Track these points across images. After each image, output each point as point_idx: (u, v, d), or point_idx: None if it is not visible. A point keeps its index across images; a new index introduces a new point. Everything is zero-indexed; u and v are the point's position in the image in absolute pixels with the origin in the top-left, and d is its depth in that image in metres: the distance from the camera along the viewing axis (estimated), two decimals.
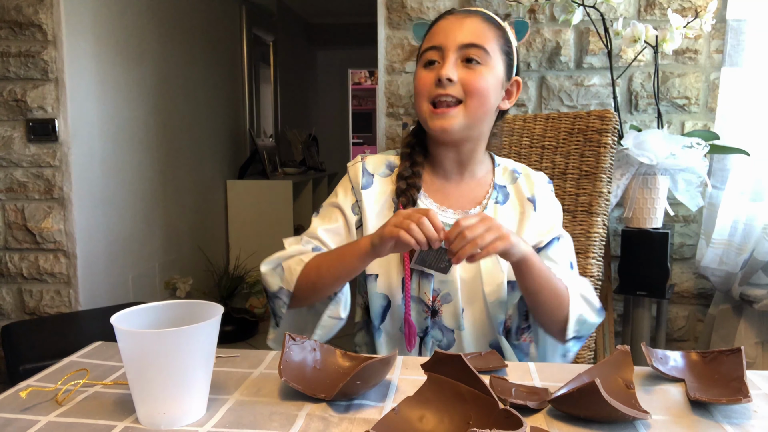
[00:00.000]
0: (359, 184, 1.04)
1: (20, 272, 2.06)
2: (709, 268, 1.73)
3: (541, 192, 1.06)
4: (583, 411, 0.65)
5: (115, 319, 0.64)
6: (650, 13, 1.82)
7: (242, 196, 3.52)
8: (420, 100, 0.99)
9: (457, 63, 0.95)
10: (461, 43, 0.95)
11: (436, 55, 0.97)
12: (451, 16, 1.00)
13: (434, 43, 0.98)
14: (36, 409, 0.68)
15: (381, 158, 1.09)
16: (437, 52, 0.97)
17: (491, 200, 1.03)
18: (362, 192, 1.04)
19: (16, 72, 1.97)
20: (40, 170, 2.02)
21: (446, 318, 1.00)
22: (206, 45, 3.25)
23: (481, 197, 1.04)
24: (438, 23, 1.01)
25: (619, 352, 0.76)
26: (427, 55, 0.98)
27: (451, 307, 0.99)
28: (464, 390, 0.62)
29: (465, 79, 0.95)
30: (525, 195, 1.05)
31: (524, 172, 1.09)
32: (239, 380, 0.77)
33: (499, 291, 0.98)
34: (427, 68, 0.98)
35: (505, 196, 1.05)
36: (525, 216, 1.03)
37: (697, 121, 1.85)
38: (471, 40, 0.95)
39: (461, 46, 0.95)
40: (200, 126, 3.19)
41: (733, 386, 0.70)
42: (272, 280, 0.98)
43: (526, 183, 1.06)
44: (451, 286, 0.99)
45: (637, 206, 1.62)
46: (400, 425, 0.60)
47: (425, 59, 0.99)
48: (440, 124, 0.96)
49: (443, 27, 0.98)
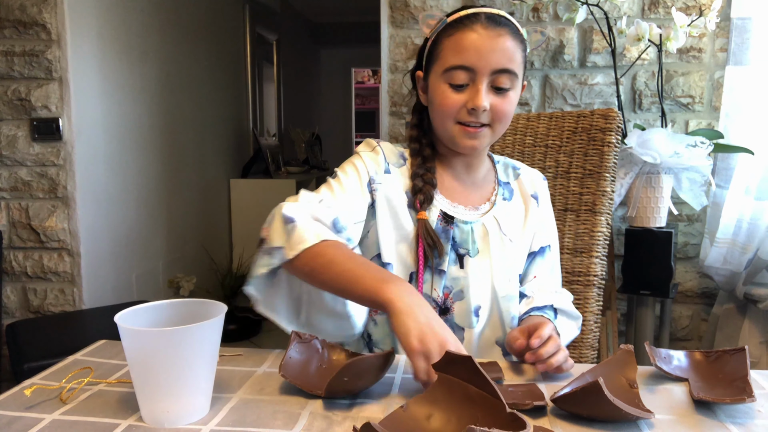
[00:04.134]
0: (382, 168, 1.01)
1: (24, 271, 2.07)
2: (713, 267, 1.73)
3: (542, 190, 1.10)
4: (586, 410, 0.65)
5: (119, 318, 0.64)
6: (654, 11, 1.81)
7: (245, 195, 3.53)
8: (446, 119, 0.96)
9: (488, 88, 0.93)
10: (494, 69, 0.92)
11: (465, 77, 0.93)
12: (481, 29, 0.93)
13: (465, 63, 0.92)
14: (40, 407, 0.68)
15: (391, 147, 1.06)
16: (467, 73, 0.93)
17: (499, 197, 1.05)
18: (385, 176, 1.01)
19: (21, 71, 1.97)
20: (45, 169, 2.02)
21: (457, 316, 0.99)
22: (210, 44, 3.25)
23: (488, 194, 1.06)
24: (467, 35, 0.93)
25: (623, 351, 0.76)
26: (455, 76, 0.93)
27: (463, 304, 0.99)
28: (473, 392, 0.62)
29: (495, 106, 0.94)
30: (528, 191, 1.08)
31: (523, 168, 1.12)
32: (242, 379, 0.77)
33: (509, 286, 1.00)
34: (456, 89, 0.94)
35: (510, 192, 1.07)
36: (529, 212, 1.07)
37: (701, 120, 1.84)
38: (504, 65, 0.92)
39: (494, 71, 0.92)
40: (203, 125, 3.19)
41: (737, 386, 0.70)
42: (278, 233, 0.88)
43: (528, 179, 1.10)
44: (463, 282, 0.99)
45: (640, 205, 1.62)
46: (407, 422, 0.60)
47: (452, 78, 0.94)
48: (471, 143, 0.96)
49: (475, 44, 0.92)
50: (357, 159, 1.02)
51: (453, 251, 0.99)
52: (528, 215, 1.06)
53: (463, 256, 0.99)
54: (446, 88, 0.95)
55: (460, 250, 1.00)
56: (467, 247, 1.00)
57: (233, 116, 3.65)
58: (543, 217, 1.08)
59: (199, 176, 3.14)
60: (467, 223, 1.00)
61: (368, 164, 1.01)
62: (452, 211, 1.01)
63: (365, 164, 1.01)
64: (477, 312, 0.99)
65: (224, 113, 3.50)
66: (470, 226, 1.00)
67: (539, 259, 1.06)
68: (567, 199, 1.26)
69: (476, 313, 0.99)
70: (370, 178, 1.00)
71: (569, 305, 1.04)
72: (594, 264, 1.22)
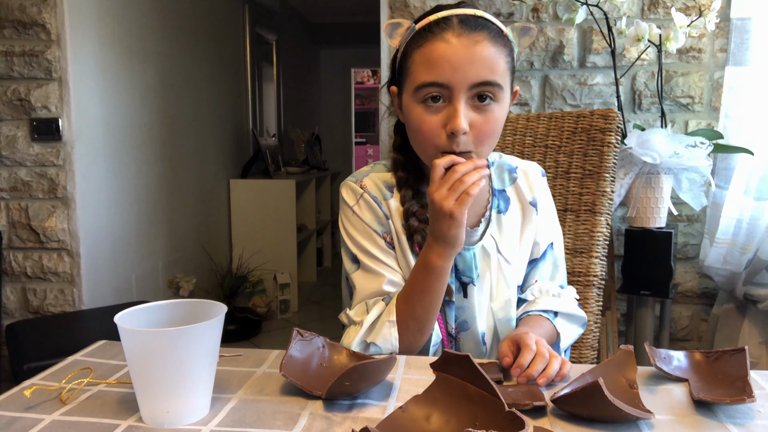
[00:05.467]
0: (382, 216, 0.94)
1: (24, 271, 2.07)
2: (713, 267, 1.73)
3: (541, 192, 1.02)
4: (586, 411, 0.65)
5: (118, 318, 0.64)
6: (654, 11, 1.81)
7: (245, 196, 3.53)
8: (426, 146, 0.85)
9: (467, 105, 0.82)
10: (473, 83, 0.80)
11: (440, 92, 0.82)
12: (453, 37, 0.81)
13: (438, 79, 0.81)
14: (40, 407, 0.68)
15: (374, 181, 0.96)
16: (442, 89, 0.81)
17: (493, 210, 0.98)
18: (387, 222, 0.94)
19: (20, 71, 1.97)
20: (44, 169, 2.02)
21: (464, 346, 0.96)
22: (209, 44, 3.26)
23: (482, 209, 0.97)
24: (437, 46, 0.81)
25: (623, 351, 0.75)
26: (428, 92, 0.82)
27: (468, 334, 0.95)
28: (472, 391, 0.62)
29: (478, 127, 0.82)
30: (526, 198, 1.00)
31: (521, 167, 1.02)
32: (242, 379, 0.77)
33: (507, 308, 0.96)
34: (429, 108, 0.83)
35: (506, 202, 0.99)
36: (527, 221, 0.99)
37: (701, 120, 1.84)
38: (484, 78, 0.80)
39: (473, 86, 0.81)
40: (203, 125, 3.19)
41: (737, 386, 0.70)
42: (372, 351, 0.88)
43: (525, 183, 1.01)
44: (468, 312, 0.95)
45: (640, 206, 1.62)
46: (406, 423, 0.60)
47: (425, 95, 0.82)
48: None
49: (447, 56, 0.80)
50: (358, 223, 0.94)
51: (456, 281, 0.94)
52: (525, 225, 0.99)
53: (467, 284, 0.94)
54: (420, 110, 0.84)
55: (463, 278, 0.94)
56: (471, 275, 0.94)
57: (233, 116, 3.65)
58: (543, 222, 1.01)
59: (198, 176, 3.14)
60: (469, 249, 0.94)
61: (370, 223, 0.94)
62: None
63: (369, 225, 0.94)
64: (483, 339, 0.96)
65: (224, 113, 3.50)
66: (472, 252, 0.94)
67: (541, 263, 1.00)
68: (567, 200, 1.26)
69: (483, 340, 0.96)
70: (379, 232, 0.94)
71: (572, 306, 0.99)
72: (594, 264, 1.22)
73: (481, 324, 0.95)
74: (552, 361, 0.75)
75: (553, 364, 0.75)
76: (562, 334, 0.95)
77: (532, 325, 0.92)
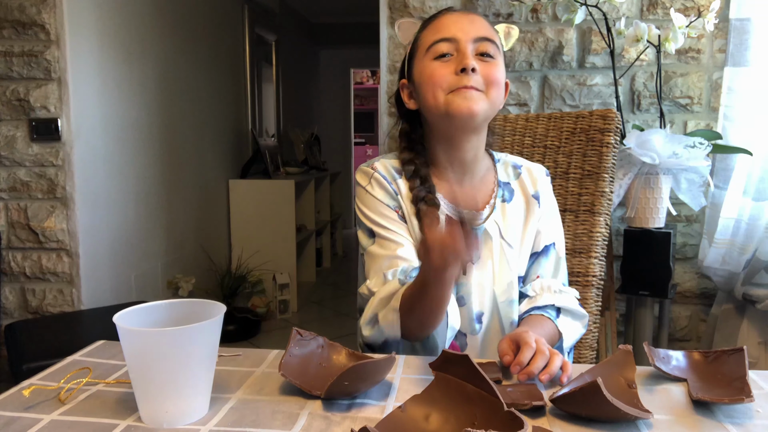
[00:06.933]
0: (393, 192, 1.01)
1: (23, 271, 2.07)
2: (712, 267, 1.73)
3: (544, 188, 1.07)
4: (585, 410, 0.65)
5: (117, 318, 0.64)
6: (653, 12, 1.81)
7: (244, 196, 3.53)
8: (436, 91, 0.93)
9: (474, 54, 0.94)
10: (476, 36, 0.94)
11: (449, 47, 0.94)
12: (454, 12, 0.98)
13: (446, 35, 0.94)
14: (39, 407, 0.68)
15: (384, 165, 1.04)
16: (450, 44, 0.94)
17: (498, 199, 1.03)
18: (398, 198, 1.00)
19: (19, 71, 1.97)
20: (43, 169, 2.02)
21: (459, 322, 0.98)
22: (209, 44, 3.25)
23: (488, 196, 1.04)
24: (443, 17, 0.98)
25: (622, 351, 0.76)
26: (439, 47, 0.94)
27: (464, 311, 0.98)
28: (471, 390, 0.62)
29: (484, 71, 0.93)
30: (529, 191, 1.06)
31: (525, 165, 1.09)
32: (241, 379, 0.77)
33: (509, 291, 0.99)
34: (441, 60, 0.94)
35: (510, 193, 1.05)
36: (530, 213, 1.04)
37: (700, 121, 1.85)
38: (484, 34, 0.94)
39: (476, 39, 0.94)
40: (203, 125, 3.19)
41: (736, 386, 0.70)
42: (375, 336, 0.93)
43: (529, 178, 1.07)
44: (465, 288, 0.98)
45: (639, 206, 1.62)
46: (405, 423, 0.60)
47: (437, 51, 0.94)
48: (467, 105, 0.91)
49: (452, 20, 0.96)
50: (371, 200, 1.01)
51: None
52: (529, 216, 1.04)
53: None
54: (433, 64, 0.95)
55: None
56: None
57: (232, 116, 3.65)
58: (545, 216, 1.05)
59: (198, 177, 3.14)
60: (474, 228, 0.98)
61: (383, 198, 1.00)
62: (453, 214, 0.99)
63: (381, 201, 1.00)
64: (479, 318, 0.99)
65: (223, 113, 3.50)
66: (476, 231, 0.98)
67: (543, 259, 1.04)
68: (566, 200, 1.26)
69: (478, 319, 0.99)
70: (392, 206, 1.00)
71: (574, 304, 1.01)
72: (593, 264, 1.22)
73: (477, 303, 0.98)
74: (553, 358, 0.76)
75: (554, 361, 0.76)
76: (564, 334, 0.97)
77: (533, 325, 0.94)
